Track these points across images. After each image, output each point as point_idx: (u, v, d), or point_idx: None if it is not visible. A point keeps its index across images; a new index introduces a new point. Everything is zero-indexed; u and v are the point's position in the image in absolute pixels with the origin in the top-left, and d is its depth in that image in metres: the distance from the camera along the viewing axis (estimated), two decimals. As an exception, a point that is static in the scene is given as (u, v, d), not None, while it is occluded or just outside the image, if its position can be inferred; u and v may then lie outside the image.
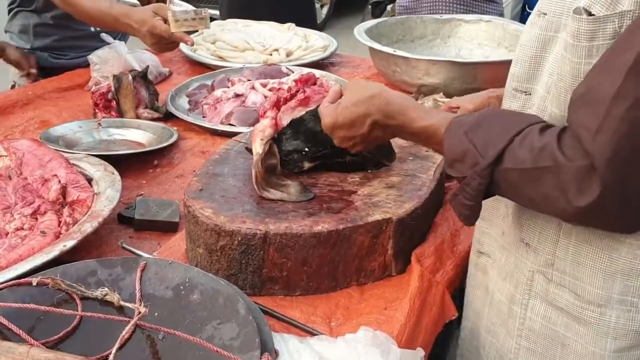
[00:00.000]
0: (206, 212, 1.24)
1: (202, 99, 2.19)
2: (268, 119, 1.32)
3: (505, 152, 0.96)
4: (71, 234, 1.27)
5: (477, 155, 0.99)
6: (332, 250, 1.21)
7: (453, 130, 1.06)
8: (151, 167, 1.79)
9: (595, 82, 0.90)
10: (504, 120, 1.03)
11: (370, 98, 1.19)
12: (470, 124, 1.04)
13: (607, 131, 0.86)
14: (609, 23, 0.91)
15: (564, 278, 1.07)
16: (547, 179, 0.92)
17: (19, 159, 1.57)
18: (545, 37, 1.04)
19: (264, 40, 2.62)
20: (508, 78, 1.13)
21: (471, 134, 1.02)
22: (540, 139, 0.94)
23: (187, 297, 1.11)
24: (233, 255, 1.21)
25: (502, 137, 0.97)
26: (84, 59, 2.47)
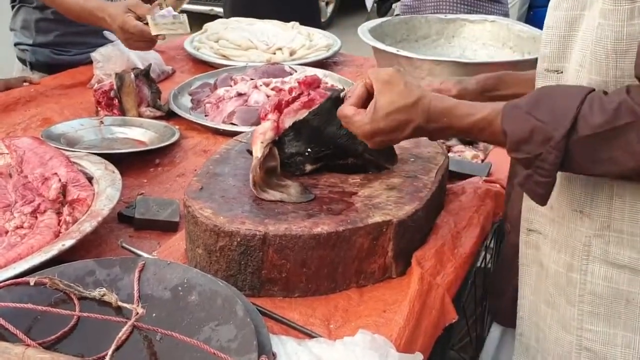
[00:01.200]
0: (205, 213, 1.24)
1: (205, 98, 2.18)
2: (269, 122, 1.31)
3: (577, 121, 0.98)
4: (70, 233, 1.27)
5: (548, 129, 1.00)
6: (332, 252, 1.21)
7: (510, 114, 1.07)
8: (152, 165, 1.78)
9: None
10: (563, 93, 1.04)
11: (413, 105, 1.17)
12: (529, 104, 1.05)
13: None
14: None
15: (622, 237, 1.10)
16: (630, 134, 0.95)
17: (20, 156, 1.57)
18: (572, 17, 1.07)
19: (267, 39, 2.61)
20: (539, 60, 1.15)
21: (534, 112, 1.03)
22: (610, 100, 0.96)
23: (185, 298, 1.11)
24: (232, 256, 1.21)
25: (570, 107, 0.99)
26: (86, 56, 2.46)
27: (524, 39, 2.52)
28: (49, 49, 2.53)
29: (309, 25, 2.89)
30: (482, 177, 1.65)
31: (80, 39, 2.52)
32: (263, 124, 1.33)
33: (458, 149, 1.84)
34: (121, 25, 2.06)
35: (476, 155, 1.81)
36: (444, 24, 2.70)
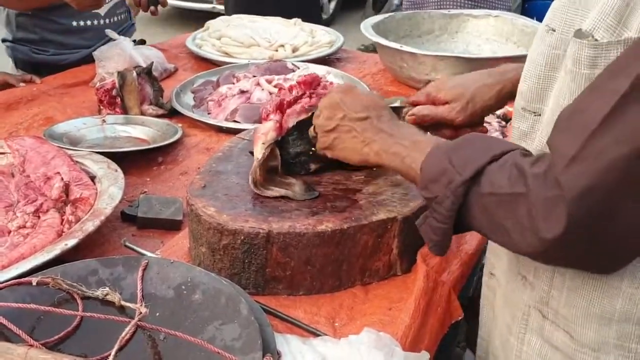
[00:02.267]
0: (209, 211, 1.23)
1: (207, 96, 2.18)
2: (271, 122, 1.30)
3: (483, 172, 0.90)
4: (73, 233, 1.26)
5: (454, 172, 0.93)
6: (336, 250, 1.20)
7: (433, 151, 1.01)
8: (155, 164, 1.77)
9: (582, 105, 0.82)
10: (484, 143, 0.96)
11: (378, 103, 1.19)
12: (451, 146, 0.99)
13: (583, 161, 0.78)
14: (613, 50, 0.83)
15: (558, 318, 1.01)
16: (518, 206, 0.85)
17: (22, 156, 1.56)
18: (553, 55, 0.96)
19: (269, 36, 2.60)
20: (517, 96, 1.06)
21: (451, 154, 0.96)
22: (519, 163, 0.87)
23: (189, 297, 1.10)
24: (236, 255, 1.20)
25: (481, 158, 0.91)
26: (65, 57, 2.49)
27: (527, 34, 2.51)
28: (28, 47, 2.51)
29: (310, 22, 2.87)
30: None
31: (59, 38, 2.49)
32: (265, 124, 1.32)
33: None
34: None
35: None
36: (447, 20, 2.69)
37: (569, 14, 0.93)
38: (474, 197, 0.91)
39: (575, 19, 0.91)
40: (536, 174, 0.83)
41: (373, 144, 1.13)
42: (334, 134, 1.19)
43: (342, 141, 1.18)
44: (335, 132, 1.19)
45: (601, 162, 0.76)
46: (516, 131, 1.06)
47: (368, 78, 2.46)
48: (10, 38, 2.52)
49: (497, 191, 0.88)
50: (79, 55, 2.50)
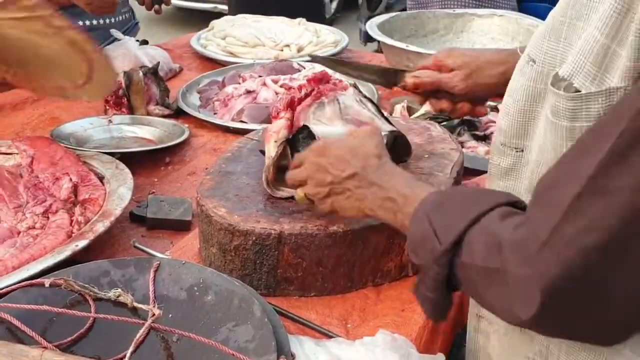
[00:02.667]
0: (220, 212, 1.22)
1: (213, 96, 2.17)
2: (283, 120, 1.30)
3: (463, 240, 0.82)
4: (83, 234, 1.25)
5: (435, 240, 0.84)
6: (348, 251, 1.19)
7: (419, 208, 0.92)
8: (163, 164, 1.77)
9: (556, 180, 0.75)
10: (467, 199, 0.88)
11: (366, 152, 1.08)
12: (433, 204, 0.90)
13: (554, 248, 0.71)
14: (593, 102, 0.76)
15: None
16: (493, 281, 0.78)
17: (30, 156, 1.56)
18: (535, 90, 0.89)
19: (274, 36, 2.60)
20: (496, 131, 0.99)
21: (432, 215, 0.88)
22: (497, 232, 0.79)
23: (201, 298, 1.10)
24: (247, 255, 1.20)
25: (462, 220, 0.83)
26: None
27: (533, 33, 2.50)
28: None
29: (314, 21, 2.87)
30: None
31: None
32: (276, 122, 1.31)
33: (471, 145, 1.82)
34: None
35: (489, 151, 1.79)
36: (452, 19, 2.69)
37: (550, 45, 0.86)
38: (457, 267, 0.83)
39: (557, 51, 0.85)
40: (513, 245, 0.76)
41: (366, 200, 1.04)
42: (330, 199, 1.10)
43: (340, 203, 1.09)
44: (330, 197, 1.10)
45: (572, 251, 0.69)
46: (495, 168, 1.01)
47: (373, 78, 2.45)
48: None
49: (475, 263, 0.80)
50: None
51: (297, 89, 1.38)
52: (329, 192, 1.10)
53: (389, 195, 1.01)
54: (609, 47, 0.75)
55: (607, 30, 0.75)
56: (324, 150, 1.13)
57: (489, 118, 1.96)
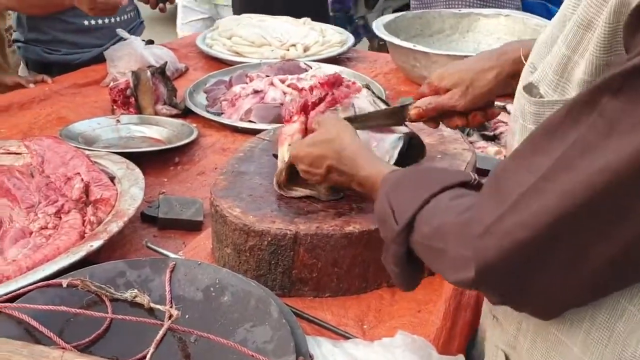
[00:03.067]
0: (234, 212, 1.22)
1: (220, 95, 2.17)
2: (297, 124, 1.29)
3: (415, 219, 0.89)
4: (97, 234, 1.25)
5: (392, 220, 0.92)
6: (364, 251, 1.19)
7: (381, 188, 0.99)
8: (172, 164, 1.77)
9: (513, 170, 0.78)
10: (422, 179, 0.95)
11: (329, 141, 1.16)
12: (392, 184, 0.97)
13: (493, 235, 0.75)
14: (554, 109, 0.77)
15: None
16: (438, 258, 0.86)
17: (41, 156, 1.56)
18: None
19: (280, 36, 2.59)
20: (508, 133, 1.02)
21: (390, 195, 0.95)
22: (443, 213, 0.85)
23: (218, 299, 1.09)
24: (262, 256, 1.19)
25: (415, 201, 0.89)
26: (78, 56, 2.49)
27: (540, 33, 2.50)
28: (40, 47, 2.51)
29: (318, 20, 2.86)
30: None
31: (71, 38, 2.49)
32: (290, 125, 1.31)
33: (480, 145, 1.82)
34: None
35: (499, 150, 1.79)
36: (457, 19, 2.68)
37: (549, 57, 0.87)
38: (412, 243, 0.91)
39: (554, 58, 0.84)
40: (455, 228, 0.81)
41: (350, 185, 1.15)
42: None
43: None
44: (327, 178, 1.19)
45: (507, 241, 0.73)
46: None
47: (380, 77, 2.45)
48: (22, 39, 2.51)
49: (422, 242, 0.88)
50: (91, 55, 2.50)
51: (309, 91, 1.38)
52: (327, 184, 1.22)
53: (359, 179, 1.11)
54: (570, 58, 0.78)
55: (568, 42, 0.78)
56: (299, 154, 1.21)
57: (499, 118, 1.96)
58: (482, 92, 1.27)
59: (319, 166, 1.17)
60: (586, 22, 0.75)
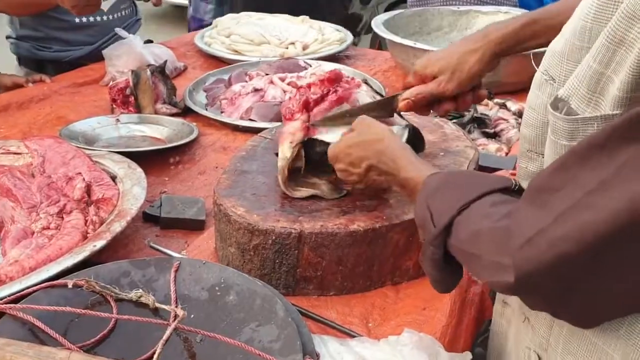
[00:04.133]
0: (238, 211, 1.22)
1: (220, 94, 2.16)
2: (299, 122, 1.28)
3: (453, 224, 0.91)
4: (100, 234, 1.24)
5: (431, 224, 0.94)
6: (368, 249, 1.19)
7: (421, 191, 1.01)
8: (173, 163, 1.76)
9: (549, 184, 0.79)
10: (463, 185, 0.96)
11: (371, 142, 1.16)
12: (431, 188, 0.99)
13: (536, 247, 0.76)
14: (590, 126, 0.80)
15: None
16: (474, 262, 0.88)
17: (42, 156, 1.55)
18: None
19: (279, 34, 2.59)
20: (520, 139, 1.04)
21: (430, 199, 0.97)
22: (482, 219, 0.87)
23: (223, 298, 1.09)
24: (266, 255, 1.19)
25: (454, 206, 0.91)
26: (69, 53, 2.48)
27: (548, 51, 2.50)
28: (30, 44, 2.50)
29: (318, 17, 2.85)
30: (509, 170, 1.63)
31: (63, 36, 2.47)
32: (292, 123, 1.30)
33: (481, 142, 1.82)
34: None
35: (500, 148, 1.79)
36: (456, 16, 2.68)
37: (569, 67, 0.87)
38: (449, 247, 0.93)
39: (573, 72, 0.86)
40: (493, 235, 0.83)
41: (388, 185, 1.19)
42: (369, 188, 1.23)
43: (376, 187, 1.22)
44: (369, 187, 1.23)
45: (552, 252, 0.74)
46: (523, 171, 1.04)
47: (379, 75, 2.45)
48: (14, 35, 2.50)
49: (459, 246, 0.90)
50: (83, 52, 2.49)
51: (307, 88, 1.37)
52: (365, 184, 1.20)
53: (400, 181, 1.11)
54: (603, 73, 0.78)
55: (600, 58, 0.78)
56: (338, 155, 1.22)
57: (499, 115, 1.96)
58: (468, 75, 1.30)
59: (358, 165, 1.17)
60: (618, 38, 0.76)
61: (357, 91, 1.36)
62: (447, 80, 1.30)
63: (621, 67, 0.76)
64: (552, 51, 0.92)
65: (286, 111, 1.33)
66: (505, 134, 1.87)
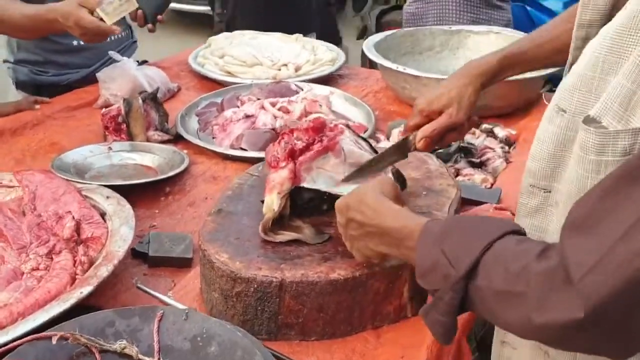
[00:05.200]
0: (222, 258, 1.25)
1: (212, 119, 2.19)
2: (286, 172, 1.30)
3: (479, 265, 0.88)
4: (87, 279, 1.27)
5: (449, 266, 0.91)
6: (349, 297, 1.22)
7: (424, 237, 0.98)
8: (163, 194, 1.79)
9: (600, 208, 0.79)
10: (476, 227, 0.95)
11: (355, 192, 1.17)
12: (440, 232, 0.96)
13: (604, 271, 0.75)
14: (620, 139, 0.85)
15: None
16: (518, 303, 0.83)
17: (32, 192, 1.57)
18: (565, 137, 0.97)
19: (272, 55, 2.61)
20: (525, 173, 1.07)
21: (442, 243, 0.94)
22: (517, 257, 0.85)
23: (205, 349, 1.12)
24: (249, 302, 1.22)
25: (475, 246, 0.89)
26: (67, 77, 2.50)
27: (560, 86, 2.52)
28: (28, 68, 2.52)
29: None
30: (493, 203, 1.66)
31: (61, 59, 2.49)
32: (280, 173, 1.31)
33: (467, 172, 1.84)
34: (77, 22, 2.02)
35: (485, 179, 1.81)
36: (448, 36, 2.70)
37: (580, 97, 0.94)
38: (473, 290, 0.90)
39: (588, 102, 0.92)
40: (541, 272, 0.81)
41: (369, 241, 1.12)
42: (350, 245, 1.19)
43: (355, 247, 1.17)
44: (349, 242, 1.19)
45: (624, 272, 0.74)
46: (524, 207, 1.07)
47: (370, 96, 2.47)
48: (12, 59, 2.53)
49: (494, 287, 0.87)
50: (80, 75, 2.51)
51: (290, 133, 1.38)
52: (347, 238, 1.19)
53: (382, 232, 1.09)
54: (635, 92, 0.84)
55: (633, 78, 0.84)
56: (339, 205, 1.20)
57: (485, 144, 1.99)
58: (470, 104, 1.43)
59: (341, 217, 1.17)
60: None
61: (341, 138, 1.38)
62: (456, 112, 1.41)
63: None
64: (563, 86, 0.99)
65: (272, 159, 1.35)
66: (492, 163, 1.90)
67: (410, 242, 1.01)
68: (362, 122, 2.14)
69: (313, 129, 1.33)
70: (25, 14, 2.09)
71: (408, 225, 1.04)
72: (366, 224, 1.11)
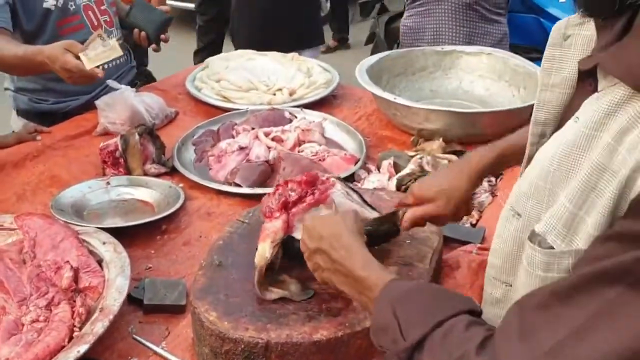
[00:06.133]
0: (211, 317, 1.31)
1: (208, 148, 2.24)
2: (280, 221, 1.36)
3: (426, 340, 0.93)
4: (84, 337, 1.34)
5: (399, 333, 0.96)
6: (331, 355, 1.28)
7: (383, 295, 1.03)
8: (159, 232, 1.84)
9: (532, 321, 0.84)
10: (433, 300, 0.99)
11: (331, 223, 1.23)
12: (398, 296, 1.01)
13: None
14: (565, 259, 0.90)
15: None
16: None
17: (32, 239, 1.64)
18: (521, 239, 1.00)
19: (267, 79, 2.66)
20: (487, 266, 1.13)
21: (397, 307, 0.99)
22: (461, 343, 0.89)
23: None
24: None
25: (428, 321, 0.94)
26: (66, 104, 2.55)
27: (519, 74, 2.57)
28: (28, 97, 2.57)
29: None
30: (477, 243, 1.71)
31: (60, 87, 2.51)
32: (274, 222, 1.37)
33: (453, 209, 1.89)
34: (62, 66, 2.09)
35: (471, 215, 1.87)
36: (440, 56, 2.75)
37: (534, 205, 0.97)
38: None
39: (540, 212, 0.96)
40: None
41: (333, 276, 1.20)
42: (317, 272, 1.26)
43: (320, 275, 1.24)
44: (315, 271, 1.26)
45: None
46: (489, 297, 1.12)
47: (363, 120, 2.52)
48: (12, 87, 2.58)
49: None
50: (79, 102, 2.55)
51: (284, 185, 1.44)
52: (312, 263, 1.25)
53: (348, 274, 1.15)
54: (576, 214, 0.88)
55: (575, 201, 0.89)
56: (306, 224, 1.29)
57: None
58: (461, 199, 1.45)
59: (310, 243, 1.24)
60: (590, 186, 0.86)
61: (332, 191, 1.43)
62: (444, 205, 1.44)
63: (592, 210, 0.86)
64: (518, 191, 1.03)
65: (266, 209, 1.41)
66: (477, 197, 1.95)
67: (371, 294, 1.07)
68: (354, 153, 2.19)
69: (306, 182, 1.39)
70: (17, 55, 2.16)
71: (372, 278, 1.10)
72: (337, 261, 1.18)
